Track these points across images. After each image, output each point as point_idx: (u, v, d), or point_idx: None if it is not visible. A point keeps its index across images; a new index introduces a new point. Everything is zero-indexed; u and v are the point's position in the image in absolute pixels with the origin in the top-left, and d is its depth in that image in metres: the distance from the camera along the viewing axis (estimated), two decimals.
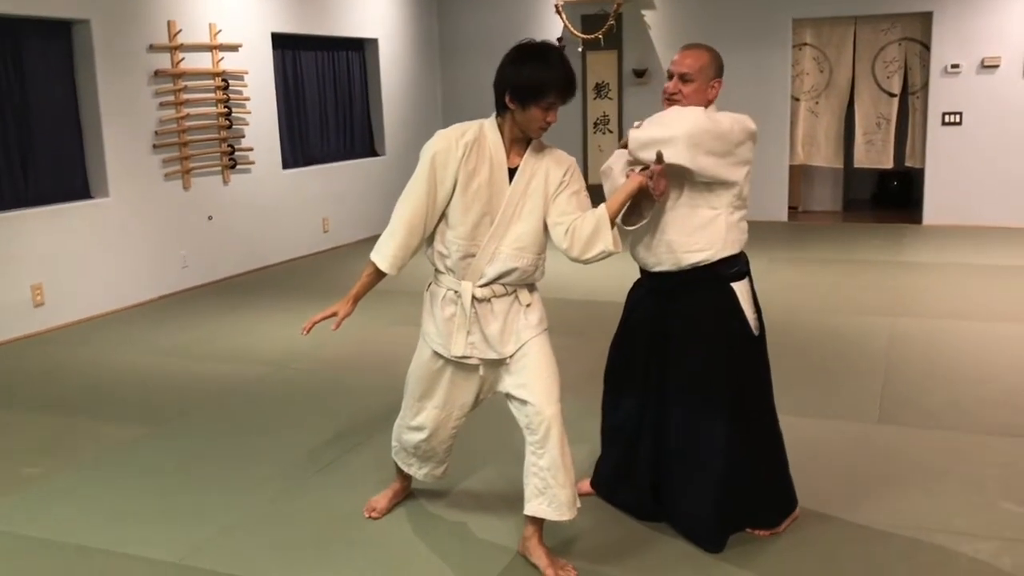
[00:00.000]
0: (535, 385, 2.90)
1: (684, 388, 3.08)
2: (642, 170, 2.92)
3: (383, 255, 2.93)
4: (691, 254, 3.03)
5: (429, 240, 2.97)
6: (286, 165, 8.61)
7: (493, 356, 2.94)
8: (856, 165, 9.86)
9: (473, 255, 2.88)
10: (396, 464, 3.41)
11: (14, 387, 5.18)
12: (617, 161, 3.15)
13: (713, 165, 2.94)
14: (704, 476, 3.06)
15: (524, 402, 2.91)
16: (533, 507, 2.94)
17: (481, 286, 2.90)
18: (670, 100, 3.05)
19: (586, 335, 5.57)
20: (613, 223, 2.85)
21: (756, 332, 3.11)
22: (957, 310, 6.13)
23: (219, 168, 7.76)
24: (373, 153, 9.91)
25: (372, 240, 3.11)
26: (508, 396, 2.99)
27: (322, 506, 3.54)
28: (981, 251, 8.02)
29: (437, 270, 3.00)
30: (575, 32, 9.84)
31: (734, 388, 3.06)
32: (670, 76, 3.05)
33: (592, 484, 3.48)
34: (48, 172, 6.49)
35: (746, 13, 9.59)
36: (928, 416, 4.29)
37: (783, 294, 6.74)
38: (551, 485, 2.89)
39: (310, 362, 5.44)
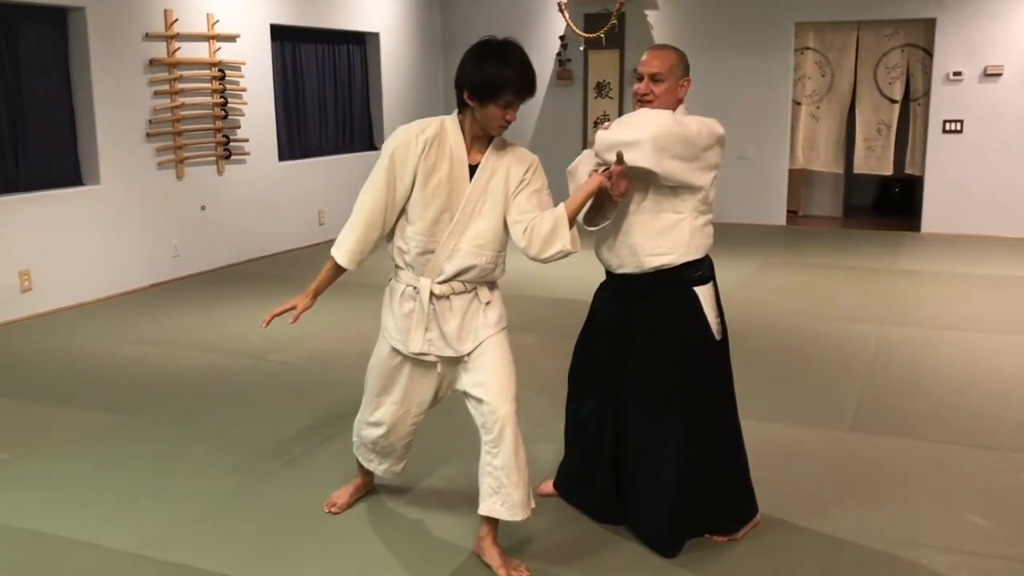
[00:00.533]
0: (491, 384, 2.88)
1: (642, 390, 3.07)
2: (604, 171, 2.90)
3: (342, 250, 2.93)
4: (654, 257, 3.01)
5: (389, 235, 2.96)
6: (282, 157, 8.61)
7: (451, 354, 2.93)
8: (856, 171, 9.81)
9: (432, 251, 2.87)
10: (358, 459, 3.40)
11: None
12: (584, 162, 3.14)
13: (679, 169, 2.92)
14: (658, 479, 3.05)
15: (480, 401, 2.89)
16: (487, 507, 2.92)
17: (440, 283, 2.89)
18: (642, 101, 3.03)
19: (562, 334, 5.55)
20: (572, 223, 2.83)
21: (718, 336, 3.09)
22: (946, 320, 6.09)
23: (213, 158, 7.77)
24: (372, 147, 9.90)
25: None
26: (465, 394, 2.98)
27: (284, 499, 3.53)
28: (977, 261, 7.96)
29: (397, 266, 2.99)
30: (577, 30, 9.81)
31: (692, 392, 3.04)
32: (640, 78, 3.04)
33: (555, 485, 3.47)
34: (40, 158, 6.51)
35: (749, 16, 9.54)
36: (902, 425, 4.25)
37: (772, 298, 6.71)
38: (504, 484, 2.88)
39: (289, 355, 5.44)
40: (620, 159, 2.82)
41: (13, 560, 3.12)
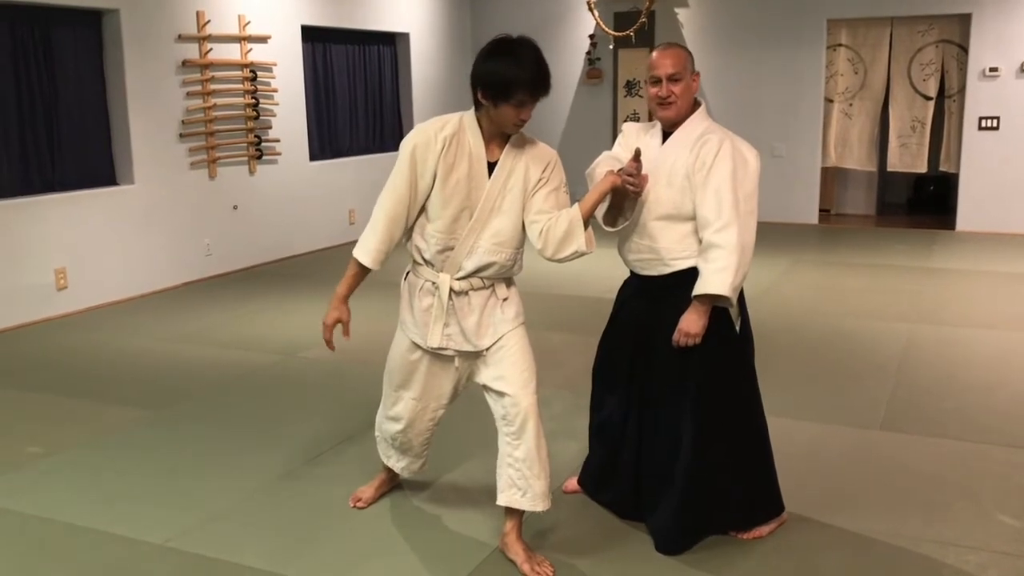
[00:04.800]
0: (512, 377, 2.89)
1: (664, 386, 3.06)
2: (618, 171, 2.90)
3: (366, 250, 2.92)
4: (680, 260, 3.00)
5: (408, 232, 2.97)
6: (313, 157, 8.68)
7: (469, 349, 2.95)
8: (889, 169, 9.70)
9: (452, 248, 2.88)
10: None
11: (28, 369, 5.28)
12: (602, 164, 3.11)
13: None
14: (673, 475, 3.04)
15: (501, 394, 2.90)
16: (507, 497, 2.94)
17: (459, 279, 2.90)
18: (663, 104, 2.98)
19: (584, 331, 5.55)
20: (587, 223, 2.84)
21: (739, 331, 3.06)
22: (979, 319, 6.00)
23: (245, 158, 7.85)
24: None
25: None
26: (485, 388, 2.99)
27: (312, 495, 3.56)
28: (1012, 259, 7.84)
29: (415, 261, 3.01)
30: (607, 29, 9.79)
31: (713, 388, 3.02)
32: (656, 80, 2.97)
33: (579, 481, 3.47)
34: (75, 158, 6.61)
35: (780, 12, 9.47)
36: (932, 424, 4.20)
37: (802, 296, 6.66)
38: (526, 476, 2.89)
39: (319, 352, 5.46)
40: (637, 155, 2.82)
41: (45, 551, 3.18)
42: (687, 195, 2.94)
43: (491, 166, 2.87)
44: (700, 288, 2.86)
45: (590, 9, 9.79)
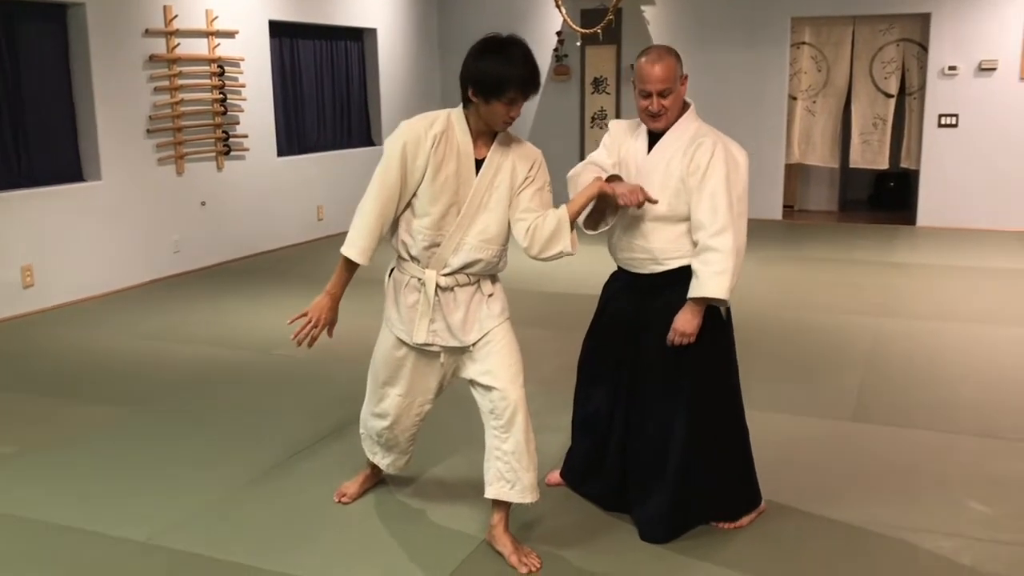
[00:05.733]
0: (500, 371, 2.92)
1: (653, 380, 3.10)
2: (608, 177, 2.95)
3: (357, 248, 2.90)
4: (673, 260, 3.04)
5: (393, 228, 2.98)
6: (281, 153, 8.63)
7: (455, 344, 2.97)
8: (852, 165, 9.87)
9: (438, 244, 2.90)
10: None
11: None
12: (586, 171, 3.13)
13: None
14: (663, 467, 3.09)
15: (489, 388, 2.93)
16: (495, 490, 2.97)
17: (445, 275, 2.92)
18: (654, 117, 3.01)
19: (563, 328, 5.60)
20: (573, 225, 2.89)
21: (725, 318, 3.12)
22: (943, 312, 6.14)
23: (213, 154, 7.78)
24: (371, 143, 9.92)
25: None
26: (472, 383, 3.01)
27: (294, 490, 3.57)
28: (972, 254, 8.02)
29: (401, 257, 3.01)
30: (574, 26, 9.84)
31: (701, 381, 3.07)
32: (646, 95, 2.97)
33: (562, 474, 3.50)
34: (41, 154, 6.52)
35: (745, 10, 9.58)
36: (902, 415, 4.30)
37: (769, 291, 6.76)
38: (515, 468, 2.92)
39: (294, 348, 5.45)
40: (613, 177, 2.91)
41: (25, 551, 3.14)
42: (681, 198, 2.98)
43: (478, 163, 2.89)
44: (698, 291, 2.92)
45: (557, 6, 9.83)
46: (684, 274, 2.99)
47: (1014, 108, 8.84)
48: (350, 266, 2.95)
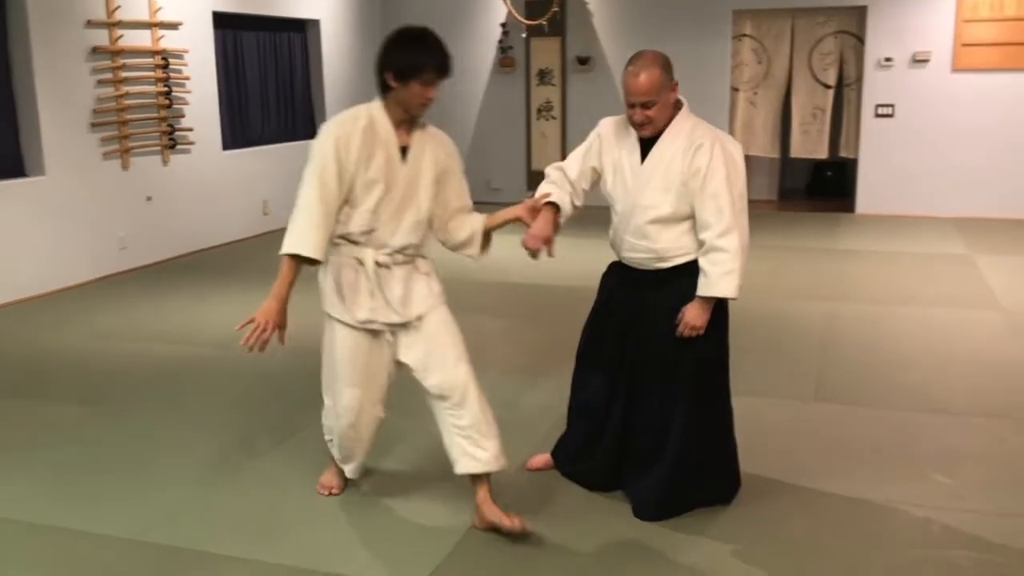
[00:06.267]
0: (445, 352, 3.07)
1: (653, 369, 3.17)
2: (534, 199, 3.17)
3: (311, 244, 2.93)
4: (677, 257, 3.11)
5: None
6: (226, 146, 8.50)
7: (396, 319, 3.08)
8: (792, 155, 10.09)
9: (375, 230, 3.03)
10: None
11: None
12: (546, 184, 3.24)
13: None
14: (663, 451, 3.17)
15: (434, 370, 3.06)
16: (464, 465, 3.08)
17: (384, 255, 3.06)
18: (640, 127, 3.07)
19: (520, 317, 5.66)
20: (488, 236, 3.20)
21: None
22: (889, 296, 6.34)
23: (158, 148, 7.64)
24: (314, 135, 9.77)
25: None
26: (415, 369, 3.10)
27: (279, 480, 3.56)
28: (911, 240, 8.28)
29: (336, 243, 3.07)
30: (519, 17, 9.87)
31: (699, 370, 3.15)
32: (630, 105, 3.02)
33: (553, 454, 3.56)
34: None
35: (687, 3, 9.72)
36: (862, 394, 4.44)
37: None
38: (476, 440, 3.05)
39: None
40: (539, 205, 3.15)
41: (9, 552, 3.08)
42: (683, 199, 3.03)
43: (403, 151, 3.04)
44: (708, 291, 3.00)
45: None
46: (686, 269, 3.07)
47: (947, 98, 9.14)
48: (295, 266, 2.99)
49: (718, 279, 2.99)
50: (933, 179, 9.33)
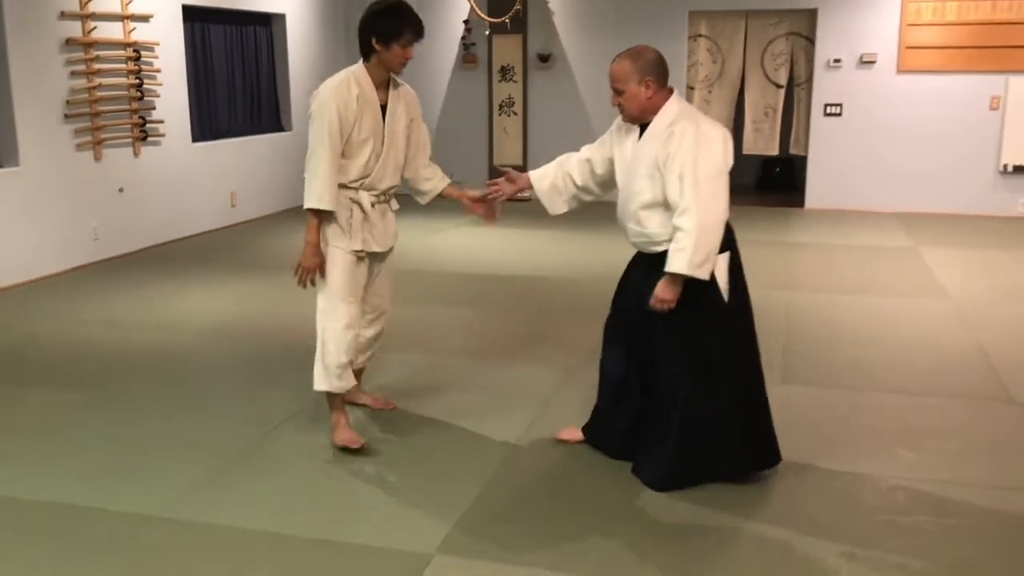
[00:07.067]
0: (386, 293, 4.01)
1: (661, 343, 3.43)
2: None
3: (325, 198, 3.60)
4: (667, 241, 3.29)
5: None
6: (195, 139, 8.56)
7: (378, 249, 3.81)
8: (745, 151, 10.44)
9: (368, 176, 3.70)
10: (328, 397, 3.84)
11: None
12: (583, 152, 3.64)
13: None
14: (668, 421, 3.43)
15: (373, 295, 3.91)
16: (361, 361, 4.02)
17: (374, 196, 3.74)
18: (621, 112, 3.42)
19: (502, 308, 5.88)
20: (439, 197, 4.01)
21: (727, 298, 3.40)
22: (844, 286, 6.69)
23: (130, 140, 7.69)
24: (280, 128, 9.93)
25: (279, 215, 3.49)
26: (366, 288, 3.86)
27: (287, 459, 3.74)
28: (859, 233, 8.68)
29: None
30: (482, 14, 10.07)
31: (702, 346, 3.38)
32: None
33: (584, 428, 3.82)
34: None
35: (645, 4, 10.01)
36: (825, 376, 4.76)
37: None
38: (364, 350, 4.01)
39: (240, 331, 5.55)
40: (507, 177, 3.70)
41: (23, 528, 3.21)
42: (659, 184, 3.28)
43: (383, 108, 3.67)
44: (666, 267, 3.23)
45: None
46: None
47: (892, 98, 9.58)
48: (318, 215, 3.66)
49: (672, 256, 3.20)
50: (878, 175, 9.77)
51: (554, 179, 3.63)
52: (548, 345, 5.24)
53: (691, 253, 3.17)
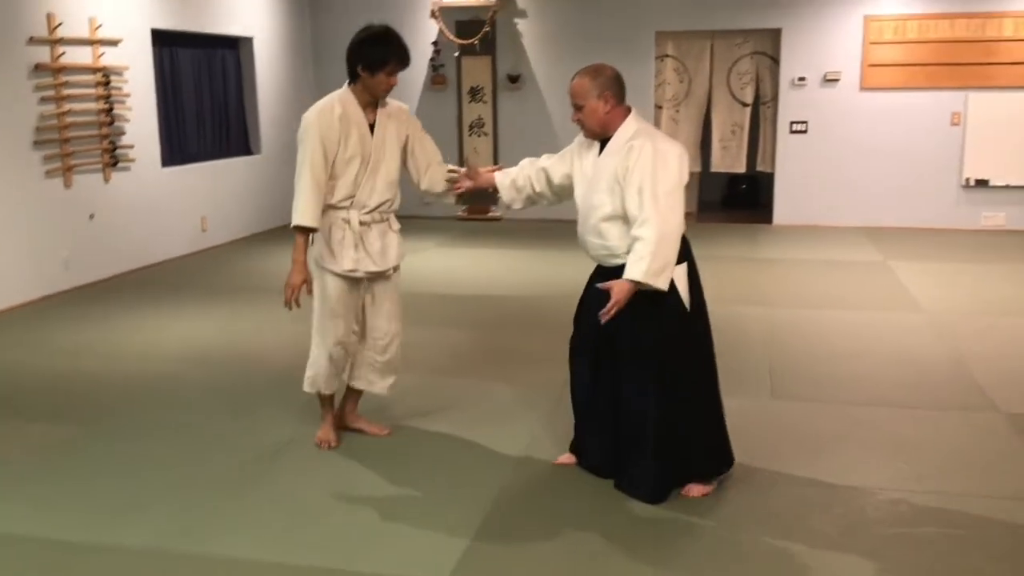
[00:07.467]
0: (391, 311, 3.96)
1: (625, 358, 3.47)
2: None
3: (312, 216, 3.69)
4: (628, 254, 3.34)
5: None
6: (165, 163, 8.46)
7: (375, 269, 3.83)
8: (713, 169, 10.57)
9: (355, 195, 3.76)
10: (320, 397, 4.04)
11: None
12: (544, 159, 3.74)
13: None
14: (642, 435, 3.46)
15: (376, 318, 3.92)
16: (368, 384, 4.04)
17: (365, 214, 3.78)
18: (581, 128, 3.52)
19: (483, 327, 5.87)
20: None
21: (689, 308, 3.47)
22: (819, 300, 6.78)
23: (100, 166, 7.58)
24: (248, 151, 9.85)
25: (250, 239, 3.47)
26: (367, 312, 3.91)
27: (280, 486, 3.68)
28: (827, 248, 8.81)
29: (325, 210, 3.75)
30: (452, 37, 10.09)
31: (667, 358, 3.43)
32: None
33: (570, 449, 3.85)
34: None
35: (612, 25, 10.11)
36: (814, 390, 4.81)
37: None
38: (385, 375, 4.04)
39: (220, 357, 5.48)
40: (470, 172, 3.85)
41: (22, 567, 3.12)
42: (618, 197, 3.35)
43: (371, 127, 3.76)
44: (625, 274, 3.29)
45: (434, 16, 10.07)
46: None
47: (856, 115, 9.76)
48: (305, 234, 3.75)
49: (630, 264, 3.27)
50: (844, 191, 9.93)
51: (516, 177, 3.81)
52: (536, 363, 5.24)
53: (649, 261, 3.24)
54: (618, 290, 3.28)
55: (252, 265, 8.30)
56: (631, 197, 3.29)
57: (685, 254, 3.49)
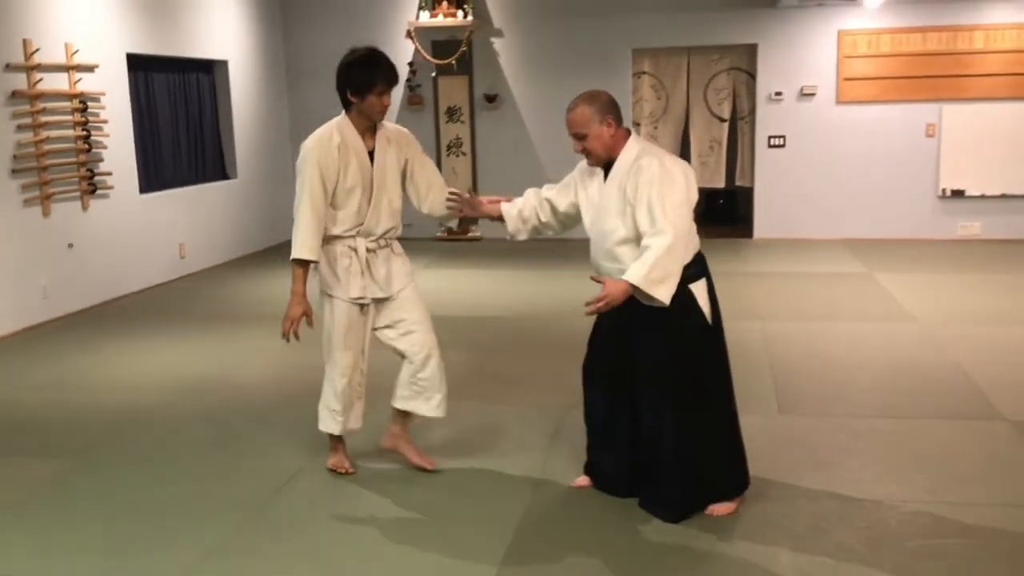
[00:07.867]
0: (419, 322, 3.82)
1: (646, 379, 3.43)
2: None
3: (311, 249, 3.62)
4: None
5: None
6: (143, 190, 8.33)
7: (380, 295, 3.77)
8: None
9: (361, 224, 3.71)
10: (329, 434, 3.94)
11: None
12: (548, 190, 3.69)
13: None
14: (664, 457, 3.43)
15: (409, 332, 3.80)
16: (411, 405, 3.85)
17: (371, 242, 3.74)
18: (586, 158, 3.49)
19: (480, 349, 5.82)
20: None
21: (711, 323, 3.46)
22: (812, 313, 6.79)
23: (78, 193, 7.43)
24: (224, 176, 9.72)
25: (229, 265, 3.38)
26: (389, 327, 3.83)
27: (295, 520, 3.58)
28: (809, 261, 8.85)
29: (328, 239, 3.71)
30: (428, 57, 10.06)
31: (689, 376, 3.40)
32: (572, 136, 3.47)
33: (585, 471, 3.80)
34: None
35: (589, 43, 10.12)
36: (820, 405, 4.80)
37: None
38: (429, 389, 3.82)
39: (207, 387, 5.36)
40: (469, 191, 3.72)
41: None
42: (630, 218, 3.33)
43: (370, 153, 3.68)
44: (625, 275, 3.26)
45: (410, 37, 10.04)
46: None
47: (832, 128, 9.84)
48: (305, 266, 3.67)
49: (633, 268, 3.24)
50: (823, 204, 10.00)
51: (522, 208, 3.73)
52: (535, 384, 5.19)
53: (650, 268, 3.21)
54: (612, 287, 3.25)
55: (232, 292, 8.17)
56: (642, 215, 3.27)
57: (703, 270, 3.46)
